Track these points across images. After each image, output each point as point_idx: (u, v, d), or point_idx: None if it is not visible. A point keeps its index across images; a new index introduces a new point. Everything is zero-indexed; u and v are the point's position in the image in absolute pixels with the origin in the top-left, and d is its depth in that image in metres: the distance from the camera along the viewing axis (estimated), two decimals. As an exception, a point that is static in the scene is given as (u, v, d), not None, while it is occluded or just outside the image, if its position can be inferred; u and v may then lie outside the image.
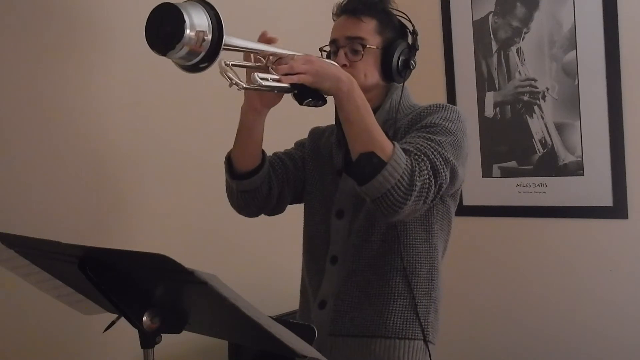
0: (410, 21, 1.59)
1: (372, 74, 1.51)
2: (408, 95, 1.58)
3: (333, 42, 1.55)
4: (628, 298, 2.35)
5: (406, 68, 1.54)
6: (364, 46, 1.50)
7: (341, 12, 1.55)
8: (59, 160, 1.74)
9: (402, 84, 1.55)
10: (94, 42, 1.82)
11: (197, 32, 1.14)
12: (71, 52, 1.77)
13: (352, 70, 1.47)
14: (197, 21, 1.14)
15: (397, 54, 1.51)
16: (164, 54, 1.16)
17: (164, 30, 1.14)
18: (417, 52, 1.58)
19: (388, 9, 1.56)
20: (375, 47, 1.51)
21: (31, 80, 1.68)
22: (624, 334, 2.35)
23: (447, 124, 1.43)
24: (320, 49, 1.58)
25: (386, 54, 1.52)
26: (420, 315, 1.50)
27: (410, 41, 1.57)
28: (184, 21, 1.12)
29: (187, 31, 1.12)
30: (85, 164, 1.80)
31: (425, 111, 1.49)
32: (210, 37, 1.16)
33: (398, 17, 1.57)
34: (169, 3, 1.15)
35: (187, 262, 0.85)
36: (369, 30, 1.51)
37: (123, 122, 1.89)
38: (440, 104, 1.50)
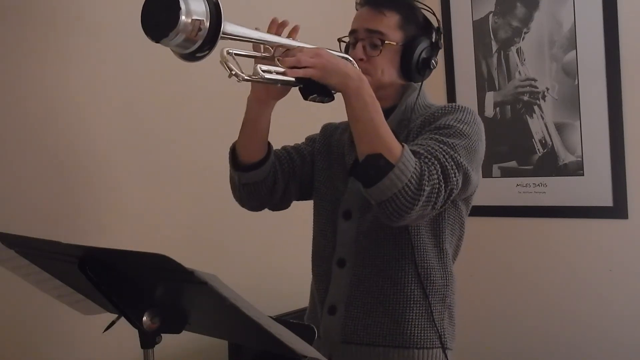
0: (436, 16, 1.53)
1: (389, 71, 1.45)
2: (424, 95, 1.51)
3: (352, 32, 1.47)
4: (628, 298, 2.35)
5: (426, 67, 1.47)
6: (383, 41, 1.43)
7: (364, 2, 1.48)
8: (59, 160, 1.74)
9: (420, 84, 1.49)
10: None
11: (193, 20, 1.08)
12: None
13: (369, 65, 1.42)
14: (193, 7, 1.09)
15: (417, 52, 1.45)
16: (157, 41, 1.10)
17: (159, 16, 1.09)
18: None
19: (413, 4, 1.49)
20: (395, 44, 1.44)
21: (28, 79, 1.68)
22: (624, 334, 2.35)
23: (461, 126, 1.35)
24: (339, 40, 1.51)
25: (406, 51, 1.45)
26: (436, 322, 1.45)
27: (433, 39, 1.49)
28: (180, 8, 1.07)
29: (183, 17, 1.07)
30: (86, 164, 1.80)
31: (439, 112, 1.42)
32: (207, 24, 1.10)
33: (423, 10, 1.50)
34: None
35: (187, 262, 0.85)
36: (390, 25, 1.44)
37: (122, 122, 1.88)
38: (455, 105, 1.43)
